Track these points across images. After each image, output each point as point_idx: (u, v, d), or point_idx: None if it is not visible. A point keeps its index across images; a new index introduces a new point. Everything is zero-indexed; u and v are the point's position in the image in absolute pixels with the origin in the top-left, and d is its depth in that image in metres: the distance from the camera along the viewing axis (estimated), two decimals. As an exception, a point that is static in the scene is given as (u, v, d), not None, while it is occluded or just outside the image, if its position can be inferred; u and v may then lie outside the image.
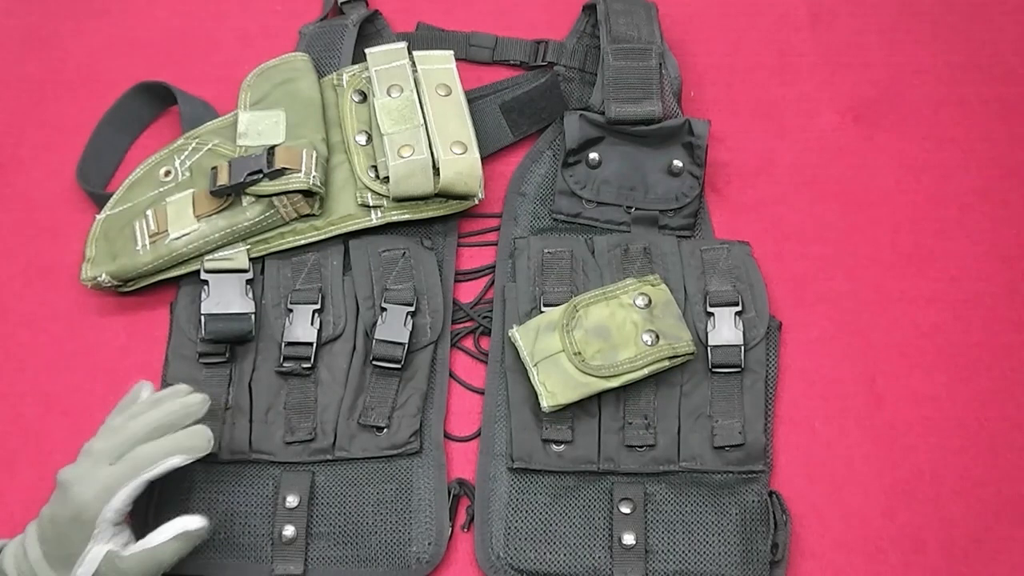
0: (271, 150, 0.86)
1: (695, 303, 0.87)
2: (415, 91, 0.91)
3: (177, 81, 0.99)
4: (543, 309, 0.86)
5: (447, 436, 0.85)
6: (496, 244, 0.93)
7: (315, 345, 0.85)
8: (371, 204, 0.89)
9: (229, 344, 0.85)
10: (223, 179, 0.86)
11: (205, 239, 0.87)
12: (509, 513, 0.81)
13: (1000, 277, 0.93)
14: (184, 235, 0.86)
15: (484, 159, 0.92)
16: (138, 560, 0.70)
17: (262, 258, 0.89)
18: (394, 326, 0.85)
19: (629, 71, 0.94)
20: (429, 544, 0.80)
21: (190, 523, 0.72)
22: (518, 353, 0.83)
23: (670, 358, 0.82)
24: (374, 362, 0.84)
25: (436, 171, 0.87)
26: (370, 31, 1.03)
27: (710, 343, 0.85)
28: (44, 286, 0.92)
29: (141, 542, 0.71)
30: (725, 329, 0.85)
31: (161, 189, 0.90)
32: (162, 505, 0.80)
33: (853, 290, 0.93)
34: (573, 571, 0.79)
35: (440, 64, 0.94)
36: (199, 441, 0.73)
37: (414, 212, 0.90)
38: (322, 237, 0.89)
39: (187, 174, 0.90)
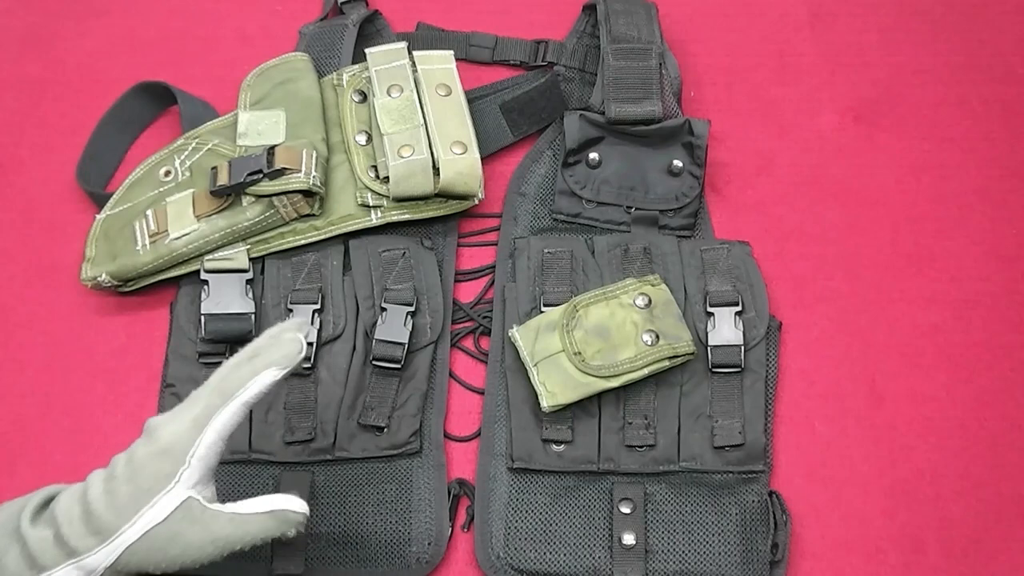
0: (271, 150, 0.86)
1: (695, 303, 0.87)
2: (415, 91, 0.91)
3: (177, 81, 0.99)
4: (543, 309, 0.86)
5: (447, 436, 0.85)
6: (496, 244, 0.93)
7: (315, 345, 0.85)
8: (371, 204, 0.89)
9: (229, 344, 0.85)
10: (223, 179, 0.86)
11: (205, 239, 0.87)
12: (509, 513, 0.81)
13: (1000, 277, 0.93)
14: (184, 235, 0.86)
15: (484, 159, 0.92)
16: (219, 521, 0.61)
17: (262, 258, 0.89)
18: (394, 326, 0.85)
19: (629, 71, 0.94)
20: (429, 544, 0.80)
21: (291, 503, 0.63)
22: (518, 353, 0.83)
23: (670, 358, 0.82)
24: (374, 362, 0.84)
25: (436, 171, 0.87)
26: (370, 31, 1.02)
27: (710, 343, 0.85)
28: (44, 286, 0.92)
29: (230, 504, 0.62)
30: (725, 329, 0.85)
31: (161, 189, 0.90)
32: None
33: (853, 290, 0.93)
34: (573, 571, 0.79)
35: (440, 64, 0.94)
36: (288, 348, 0.64)
37: (414, 212, 0.90)
38: (322, 237, 0.89)
39: (187, 174, 0.90)
